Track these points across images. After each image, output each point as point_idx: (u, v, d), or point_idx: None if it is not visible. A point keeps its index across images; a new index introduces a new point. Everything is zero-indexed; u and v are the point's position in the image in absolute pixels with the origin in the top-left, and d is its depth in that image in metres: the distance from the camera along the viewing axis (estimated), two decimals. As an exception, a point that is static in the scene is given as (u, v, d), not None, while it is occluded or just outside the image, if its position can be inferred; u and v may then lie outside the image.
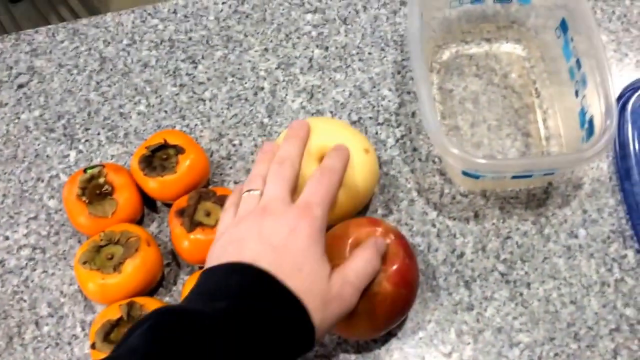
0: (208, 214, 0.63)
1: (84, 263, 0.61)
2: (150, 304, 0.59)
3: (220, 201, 0.64)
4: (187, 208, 0.63)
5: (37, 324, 0.66)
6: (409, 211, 0.70)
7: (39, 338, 0.65)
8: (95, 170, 0.65)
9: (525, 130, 0.73)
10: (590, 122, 0.64)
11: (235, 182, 0.73)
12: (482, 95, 0.76)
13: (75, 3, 1.87)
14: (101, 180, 0.65)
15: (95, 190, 0.65)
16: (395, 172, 0.73)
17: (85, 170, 0.66)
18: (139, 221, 0.70)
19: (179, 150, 0.66)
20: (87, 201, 0.64)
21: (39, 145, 0.76)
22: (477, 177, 0.64)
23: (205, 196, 0.64)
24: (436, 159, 0.73)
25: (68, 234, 0.70)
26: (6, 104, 0.78)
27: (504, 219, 0.69)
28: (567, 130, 0.71)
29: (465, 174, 0.64)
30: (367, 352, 0.64)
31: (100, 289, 0.60)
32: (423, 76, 0.64)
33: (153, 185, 0.66)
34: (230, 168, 0.74)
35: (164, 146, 0.67)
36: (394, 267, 0.56)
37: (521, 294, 0.66)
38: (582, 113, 0.66)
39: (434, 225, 0.70)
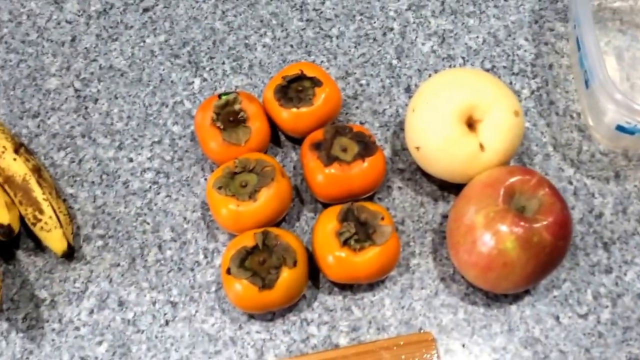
0: (344, 150, 0.61)
1: (219, 188, 0.59)
2: (283, 235, 0.58)
3: (357, 137, 0.62)
4: (324, 142, 0.61)
5: (160, 247, 0.65)
6: (543, 166, 0.67)
7: (162, 262, 0.64)
8: (231, 97, 0.64)
9: (674, 91, 0.69)
10: None
11: (362, 123, 0.70)
12: (626, 51, 0.72)
13: None
14: (236, 107, 0.64)
15: (228, 117, 0.63)
16: (530, 125, 0.69)
17: (220, 96, 0.64)
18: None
19: (316, 82, 0.64)
20: (221, 127, 0.63)
21: (163, 70, 0.74)
22: (632, 133, 0.60)
23: (341, 131, 0.62)
24: (574, 114, 0.69)
25: (192, 161, 0.69)
26: (131, 27, 0.77)
27: (648, 182, 0.66)
28: None
29: (619, 128, 0.60)
30: (496, 305, 0.61)
31: (234, 216, 0.59)
32: (588, 17, 0.60)
33: (287, 116, 0.64)
34: (357, 108, 0.71)
35: (300, 77, 0.65)
36: (552, 217, 0.53)
37: (665, 261, 0.62)
38: None
39: (570, 183, 0.66)
